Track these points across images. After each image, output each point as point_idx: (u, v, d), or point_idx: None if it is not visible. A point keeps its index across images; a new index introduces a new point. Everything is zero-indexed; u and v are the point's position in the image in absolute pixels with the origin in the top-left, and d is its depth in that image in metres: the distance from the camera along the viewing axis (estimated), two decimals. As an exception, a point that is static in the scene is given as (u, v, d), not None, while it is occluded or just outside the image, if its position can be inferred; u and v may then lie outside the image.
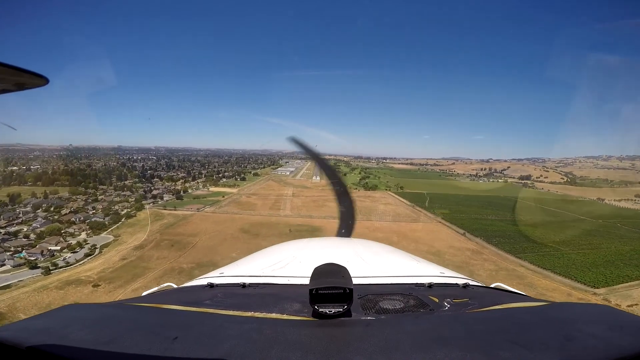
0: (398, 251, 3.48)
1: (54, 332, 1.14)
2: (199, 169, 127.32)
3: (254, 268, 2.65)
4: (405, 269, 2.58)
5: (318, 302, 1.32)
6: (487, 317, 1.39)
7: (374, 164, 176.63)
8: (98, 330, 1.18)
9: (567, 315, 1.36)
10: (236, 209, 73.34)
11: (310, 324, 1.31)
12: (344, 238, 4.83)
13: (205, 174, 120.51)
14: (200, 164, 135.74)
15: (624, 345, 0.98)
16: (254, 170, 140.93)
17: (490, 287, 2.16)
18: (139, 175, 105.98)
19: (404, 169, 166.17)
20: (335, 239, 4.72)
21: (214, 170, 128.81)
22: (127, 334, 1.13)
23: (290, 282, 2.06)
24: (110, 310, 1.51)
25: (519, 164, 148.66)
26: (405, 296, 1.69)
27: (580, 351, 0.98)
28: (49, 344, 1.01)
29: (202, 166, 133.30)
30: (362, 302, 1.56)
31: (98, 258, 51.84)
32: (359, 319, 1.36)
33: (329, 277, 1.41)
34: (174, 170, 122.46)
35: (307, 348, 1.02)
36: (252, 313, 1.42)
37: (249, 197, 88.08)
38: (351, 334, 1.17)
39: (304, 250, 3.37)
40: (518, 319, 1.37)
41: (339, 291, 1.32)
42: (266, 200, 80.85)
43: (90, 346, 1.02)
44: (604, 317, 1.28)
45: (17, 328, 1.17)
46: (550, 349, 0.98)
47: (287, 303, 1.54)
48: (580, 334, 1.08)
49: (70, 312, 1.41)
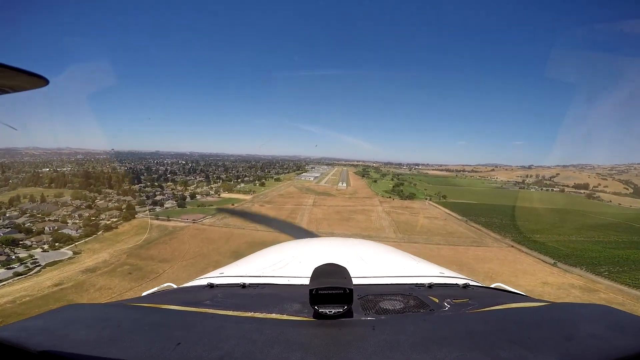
0: (398, 251, 3.30)
1: (54, 332, 1.08)
2: (218, 174, 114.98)
3: (254, 268, 2.55)
4: (405, 269, 2.48)
5: (318, 302, 1.26)
6: (487, 317, 1.33)
7: (405, 170, 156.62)
8: (98, 330, 1.12)
9: (567, 315, 1.30)
10: (240, 221, 55.13)
11: (310, 324, 1.25)
12: (344, 238, 4.81)
13: (223, 179, 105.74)
14: (225, 168, 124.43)
15: (624, 345, 0.95)
16: (277, 175, 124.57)
17: (491, 287, 2.07)
18: (153, 179, 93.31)
19: (440, 176, 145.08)
20: (335, 239, 4.97)
21: (233, 175, 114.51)
22: (127, 334, 1.08)
23: (290, 283, 1.98)
24: (111, 310, 1.43)
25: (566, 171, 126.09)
26: (405, 296, 1.60)
27: (580, 351, 0.94)
28: (49, 344, 0.96)
29: (226, 170, 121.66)
30: (362, 302, 1.49)
31: (29, 279, 37.55)
32: (359, 319, 1.30)
33: (329, 278, 1.36)
34: (194, 174, 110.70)
35: (307, 348, 0.98)
36: (252, 313, 1.36)
37: (261, 206, 69.95)
38: (351, 334, 1.11)
39: (304, 250, 3.19)
40: (518, 319, 1.31)
41: (339, 291, 1.26)
42: (280, 211, 62.11)
43: (90, 346, 0.98)
44: (604, 317, 1.22)
45: (17, 328, 1.12)
46: (550, 349, 0.94)
47: (287, 303, 1.47)
48: (580, 334, 1.04)
49: (70, 312, 1.34)
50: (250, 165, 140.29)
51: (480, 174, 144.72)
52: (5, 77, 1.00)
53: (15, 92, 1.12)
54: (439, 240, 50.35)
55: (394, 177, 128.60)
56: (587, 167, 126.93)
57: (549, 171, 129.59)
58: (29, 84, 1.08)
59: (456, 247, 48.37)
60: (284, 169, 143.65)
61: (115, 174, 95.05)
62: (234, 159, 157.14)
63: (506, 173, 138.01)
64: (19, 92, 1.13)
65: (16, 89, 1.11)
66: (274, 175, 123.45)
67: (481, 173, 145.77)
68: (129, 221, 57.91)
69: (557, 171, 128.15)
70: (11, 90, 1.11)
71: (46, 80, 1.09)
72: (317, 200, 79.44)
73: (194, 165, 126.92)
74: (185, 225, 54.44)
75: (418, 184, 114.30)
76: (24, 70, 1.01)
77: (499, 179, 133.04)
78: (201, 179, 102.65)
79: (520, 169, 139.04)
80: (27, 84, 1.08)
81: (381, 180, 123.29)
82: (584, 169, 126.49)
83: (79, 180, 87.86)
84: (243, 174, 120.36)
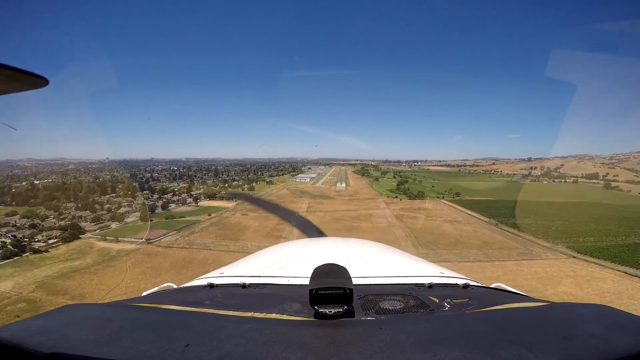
0: (398, 251, 3.18)
1: (54, 332, 1.05)
2: (206, 179, 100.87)
3: (254, 268, 2.47)
4: (405, 269, 2.39)
5: (318, 302, 1.22)
6: (487, 317, 1.29)
7: (405, 167, 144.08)
8: (98, 330, 1.09)
9: (567, 315, 1.26)
10: (210, 238, 40.41)
11: (310, 324, 1.21)
12: (344, 238, 4.31)
13: (209, 184, 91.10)
14: (215, 173, 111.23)
15: (624, 345, 0.92)
16: (270, 178, 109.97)
17: (491, 287, 1.99)
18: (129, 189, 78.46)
19: (442, 171, 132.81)
20: (335, 239, 4.38)
21: (221, 180, 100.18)
22: (128, 334, 1.05)
23: (290, 283, 1.92)
24: (111, 310, 1.39)
25: (569, 161, 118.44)
26: (405, 296, 1.56)
27: (580, 351, 0.91)
28: (49, 344, 0.94)
29: (216, 175, 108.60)
30: (362, 302, 1.45)
31: None
32: (359, 319, 1.26)
33: (329, 278, 1.32)
34: (179, 180, 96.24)
35: (307, 348, 0.96)
36: (252, 313, 1.32)
37: (244, 215, 54.81)
38: (351, 334, 1.08)
39: (304, 250, 3.09)
40: (518, 319, 1.27)
41: (339, 291, 1.22)
42: (266, 221, 47.15)
43: (90, 346, 0.95)
44: (604, 317, 1.18)
45: (17, 328, 1.09)
46: (550, 349, 0.91)
47: (287, 303, 1.44)
48: (580, 334, 1.01)
49: (70, 312, 1.31)
50: (243, 168, 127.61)
51: (482, 168, 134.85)
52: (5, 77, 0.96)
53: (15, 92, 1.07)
54: (477, 255, 35.54)
55: (396, 174, 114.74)
56: (586, 157, 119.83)
57: (551, 162, 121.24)
58: (28, 84, 1.03)
59: (503, 263, 33.52)
60: (279, 171, 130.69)
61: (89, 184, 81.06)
62: (229, 163, 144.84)
63: (508, 166, 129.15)
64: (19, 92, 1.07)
65: (16, 89, 1.05)
66: (267, 178, 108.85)
67: (483, 167, 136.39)
68: (68, 243, 42.92)
69: (558, 162, 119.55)
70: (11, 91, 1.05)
71: (46, 80, 1.03)
72: (313, 204, 64.23)
73: (185, 170, 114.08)
74: (135, 248, 39.32)
75: (423, 181, 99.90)
76: (23, 70, 0.97)
77: (504, 172, 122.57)
78: (185, 184, 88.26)
79: (520, 161, 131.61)
80: (26, 84, 1.03)
81: (382, 178, 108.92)
82: (584, 159, 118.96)
83: (43, 194, 73.43)
84: (233, 177, 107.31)
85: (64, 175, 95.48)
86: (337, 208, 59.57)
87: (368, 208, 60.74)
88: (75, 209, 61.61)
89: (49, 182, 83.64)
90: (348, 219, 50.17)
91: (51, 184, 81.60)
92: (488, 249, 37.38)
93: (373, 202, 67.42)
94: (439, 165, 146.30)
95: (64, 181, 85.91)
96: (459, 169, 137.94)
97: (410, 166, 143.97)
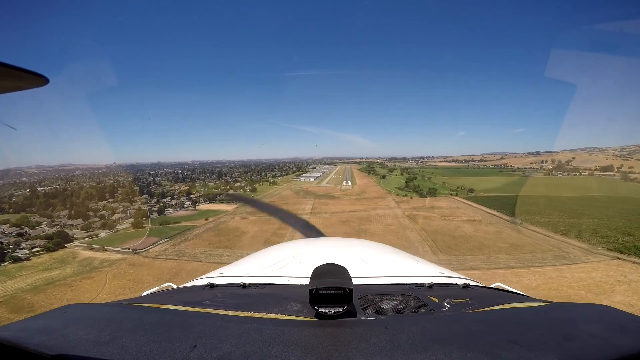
0: (398, 251, 3.15)
1: (54, 332, 1.04)
2: (208, 181, 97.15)
3: (254, 268, 2.44)
4: (405, 269, 2.36)
5: (318, 302, 1.21)
6: (487, 317, 1.27)
7: (412, 163, 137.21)
8: (98, 330, 1.07)
9: (567, 315, 1.23)
10: (202, 247, 35.99)
11: (310, 324, 1.19)
12: (344, 238, 4.37)
13: (210, 186, 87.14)
14: (218, 175, 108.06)
15: (624, 345, 0.91)
16: (273, 178, 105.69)
17: (491, 287, 1.98)
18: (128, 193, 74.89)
19: (450, 167, 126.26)
20: (335, 239, 4.42)
21: (224, 182, 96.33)
22: (128, 334, 1.03)
23: (290, 282, 1.91)
24: (111, 310, 1.38)
25: (579, 154, 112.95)
26: (405, 296, 1.54)
27: (580, 351, 0.89)
28: (49, 344, 0.93)
29: (220, 176, 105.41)
30: (362, 302, 1.44)
31: None
32: (359, 319, 1.24)
33: (329, 277, 1.30)
34: (180, 183, 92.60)
35: (307, 348, 0.95)
36: (252, 313, 1.31)
37: (243, 219, 50.20)
38: (351, 334, 1.07)
39: (304, 250, 3.04)
40: (518, 319, 1.25)
41: (339, 291, 1.20)
42: (266, 225, 42.55)
43: (90, 346, 0.94)
44: (604, 317, 1.17)
45: (17, 328, 1.07)
46: (550, 349, 0.90)
47: (287, 303, 1.42)
48: (580, 334, 0.99)
49: (70, 312, 1.29)
50: (247, 169, 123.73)
51: (491, 163, 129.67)
52: (5, 75, 0.94)
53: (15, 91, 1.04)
54: (508, 260, 30.21)
55: (403, 171, 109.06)
56: (596, 150, 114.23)
57: (561, 156, 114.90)
58: (29, 83, 1.01)
59: (539, 269, 28.20)
60: (283, 171, 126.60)
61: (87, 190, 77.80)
62: (234, 164, 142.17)
63: (517, 160, 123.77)
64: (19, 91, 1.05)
65: (16, 88, 1.03)
66: (270, 179, 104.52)
67: (492, 162, 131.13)
68: (52, 252, 39.02)
69: (569, 155, 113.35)
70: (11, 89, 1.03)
71: (46, 79, 1.01)
72: (317, 205, 59.27)
73: (189, 173, 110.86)
74: (120, 258, 35.03)
75: (432, 177, 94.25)
76: (23, 69, 0.95)
77: (514, 167, 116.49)
78: (185, 188, 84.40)
79: (529, 155, 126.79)
80: (27, 83, 1.01)
81: (390, 175, 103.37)
82: (593, 151, 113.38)
83: (40, 201, 70.31)
84: (236, 179, 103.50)
85: (67, 182, 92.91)
86: (343, 209, 54.53)
87: (377, 208, 55.45)
88: (68, 216, 57.93)
89: (51, 189, 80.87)
90: (356, 221, 45.15)
91: (51, 191, 78.84)
92: (518, 253, 32.00)
93: (382, 201, 62.12)
94: (446, 160, 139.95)
95: (65, 187, 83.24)
96: (467, 164, 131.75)
97: (417, 162, 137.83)
